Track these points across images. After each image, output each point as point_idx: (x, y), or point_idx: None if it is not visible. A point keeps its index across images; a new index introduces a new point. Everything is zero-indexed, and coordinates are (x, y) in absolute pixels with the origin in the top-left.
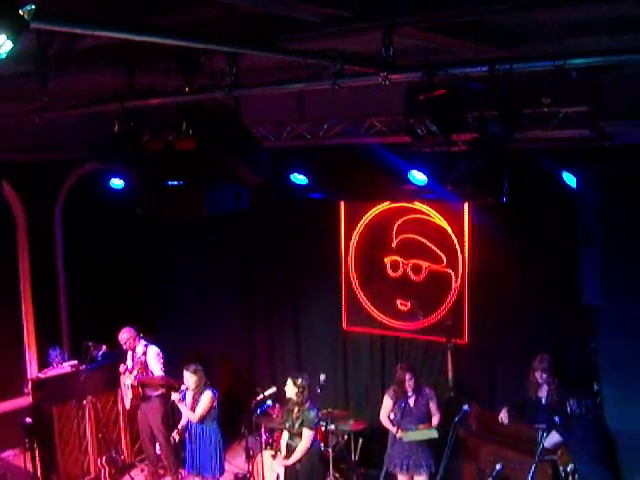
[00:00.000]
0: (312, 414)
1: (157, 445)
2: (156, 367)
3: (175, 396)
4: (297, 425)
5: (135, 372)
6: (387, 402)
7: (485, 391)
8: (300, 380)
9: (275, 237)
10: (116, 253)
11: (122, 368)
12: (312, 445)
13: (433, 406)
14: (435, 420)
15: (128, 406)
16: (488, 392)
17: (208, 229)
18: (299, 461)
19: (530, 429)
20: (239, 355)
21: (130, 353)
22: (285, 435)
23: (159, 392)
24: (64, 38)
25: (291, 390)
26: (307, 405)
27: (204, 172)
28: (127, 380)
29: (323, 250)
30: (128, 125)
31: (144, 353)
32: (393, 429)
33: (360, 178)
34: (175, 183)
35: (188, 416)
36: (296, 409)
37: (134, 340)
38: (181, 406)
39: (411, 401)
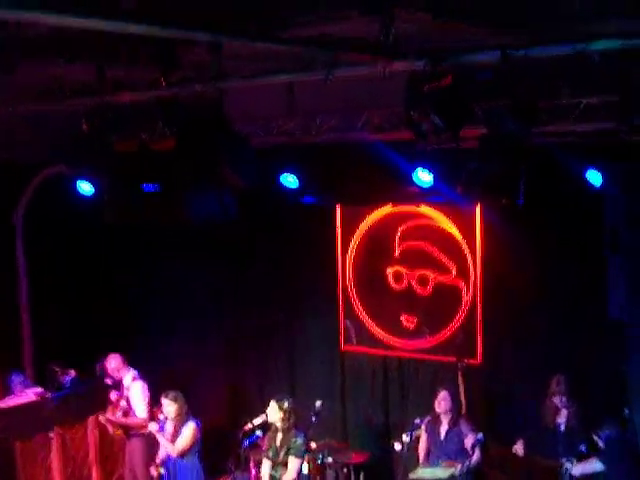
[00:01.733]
0: (299, 441)
1: None
2: (139, 407)
3: (153, 426)
4: (282, 453)
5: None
6: (422, 435)
7: (501, 418)
8: (286, 403)
9: (264, 247)
10: (85, 265)
11: (113, 397)
12: (299, 477)
13: (468, 442)
14: (471, 460)
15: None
16: (504, 419)
17: (189, 239)
18: None
19: (548, 462)
20: (224, 380)
21: None
22: (266, 465)
23: (143, 430)
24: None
25: (275, 414)
26: (294, 432)
27: (184, 175)
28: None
29: (317, 260)
30: (98, 123)
31: (129, 388)
32: None
33: (358, 179)
34: (151, 188)
35: (167, 449)
36: (280, 435)
37: (120, 370)
38: (159, 437)
39: (442, 431)
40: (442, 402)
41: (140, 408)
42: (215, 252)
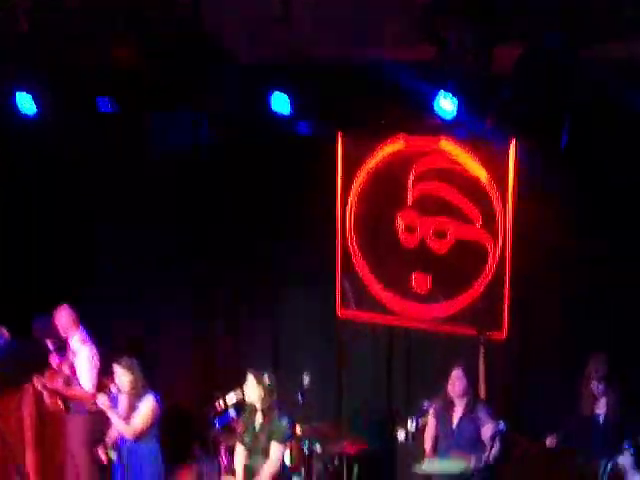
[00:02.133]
0: (284, 424)
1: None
2: (85, 376)
3: (102, 400)
4: (263, 439)
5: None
6: (430, 421)
7: (528, 404)
8: (266, 378)
9: (246, 188)
10: (26, 202)
11: (55, 361)
12: (282, 467)
13: (486, 432)
14: (489, 454)
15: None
16: (532, 405)
17: (153, 175)
18: None
19: (584, 460)
20: (192, 348)
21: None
22: (241, 453)
23: (89, 407)
24: None
25: (253, 392)
26: (276, 412)
27: (150, 94)
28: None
29: (312, 206)
30: (41, 22)
31: (76, 352)
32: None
33: (364, 106)
34: (108, 109)
35: (120, 429)
36: (259, 417)
37: (67, 329)
38: (111, 414)
39: (455, 417)
40: (456, 383)
41: (86, 377)
42: (185, 192)
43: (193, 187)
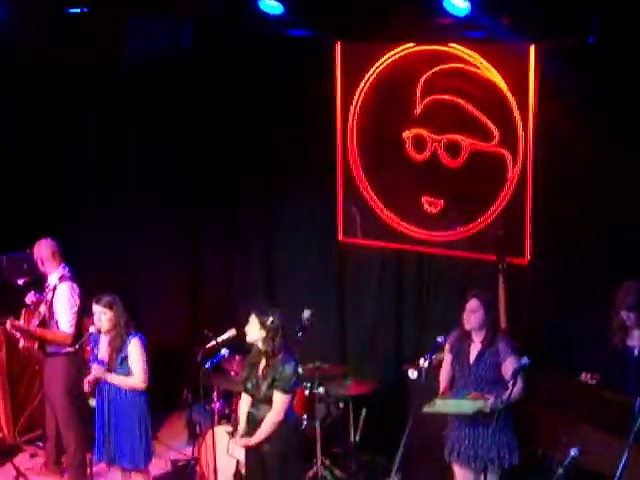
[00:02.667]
0: (288, 370)
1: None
2: (62, 314)
3: (97, 369)
4: (265, 386)
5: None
6: (446, 356)
7: (555, 337)
8: (270, 318)
9: (232, 101)
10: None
11: (29, 298)
12: (287, 417)
13: (508, 368)
14: (510, 393)
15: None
16: (560, 338)
17: (131, 87)
18: (267, 440)
19: (621, 396)
20: (180, 282)
21: None
22: (245, 400)
23: (66, 349)
24: None
25: (255, 333)
26: (281, 357)
27: None
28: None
29: (308, 121)
30: None
31: (54, 288)
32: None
33: (366, 5)
34: (77, 10)
35: (103, 376)
36: (263, 362)
37: (45, 263)
38: (110, 378)
39: (472, 352)
40: (472, 315)
41: (64, 318)
42: (167, 109)
43: (176, 103)
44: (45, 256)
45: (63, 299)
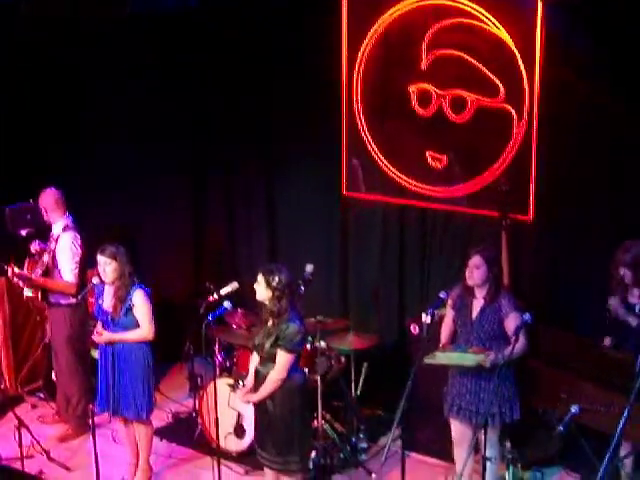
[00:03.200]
0: (292, 328)
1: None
2: (65, 264)
3: (103, 334)
4: (268, 344)
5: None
6: (448, 312)
7: (557, 293)
8: (277, 277)
9: (237, 56)
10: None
11: (34, 247)
12: (291, 375)
13: (510, 324)
14: (512, 348)
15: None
16: (562, 295)
17: (134, 43)
18: (270, 397)
19: (622, 354)
20: (182, 235)
21: None
22: (254, 357)
23: (69, 300)
24: None
25: (263, 292)
26: (286, 316)
27: None
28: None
29: (312, 74)
30: None
31: (57, 238)
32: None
33: None
34: None
35: (111, 340)
36: (270, 321)
37: (49, 212)
38: (120, 336)
39: (475, 307)
40: (475, 271)
41: (67, 267)
42: (168, 60)
43: (180, 53)
44: (49, 205)
45: (66, 248)
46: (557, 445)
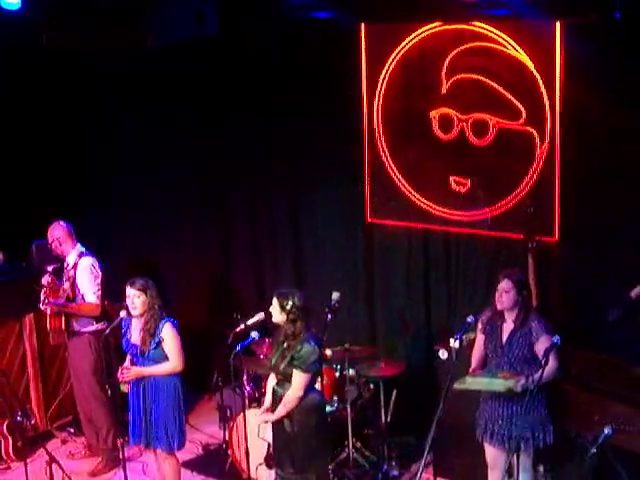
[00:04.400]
0: (307, 349)
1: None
2: (87, 287)
3: (132, 370)
4: (283, 365)
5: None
6: (478, 336)
7: (586, 314)
8: (290, 301)
9: (257, 84)
10: (19, 115)
11: (44, 280)
12: (307, 395)
13: (540, 347)
14: (542, 372)
15: (52, 341)
16: (591, 316)
17: (159, 72)
18: (288, 418)
19: None
20: (209, 266)
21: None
22: (272, 377)
23: (92, 327)
24: None
25: (277, 313)
26: (302, 337)
27: None
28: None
29: (333, 102)
30: None
31: (75, 266)
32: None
33: None
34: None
35: (141, 374)
36: (286, 342)
37: (63, 243)
38: (150, 370)
39: (505, 331)
40: (504, 295)
41: (90, 290)
42: (190, 91)
43: (199, 82)
44: (62, 237)
45: (86, 272)
46: (591, 468)
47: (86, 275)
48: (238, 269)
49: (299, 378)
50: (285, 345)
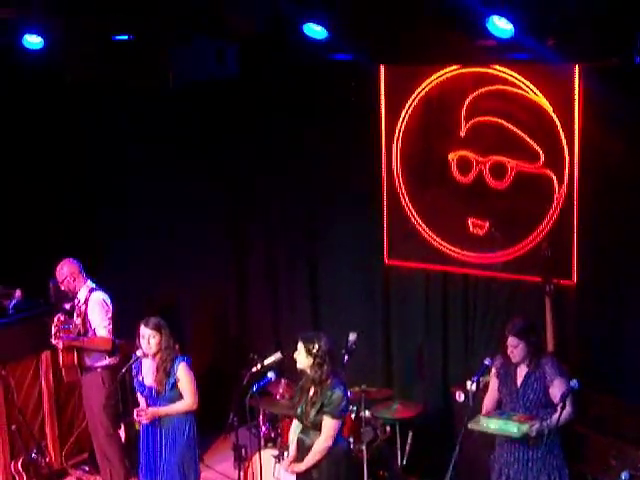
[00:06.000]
0: (338, 394)
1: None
2: (98, 321)
3: (149, 411)
4: (313, 412)
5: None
6: (492, 380)
7: (604, 358)
8: (317, 345)
9: (276, 124)
10: (36, 151)
11: (56, 321)
12: (336, 443)
13: (556, 391)
14: (558, 416)
15: (65, 378)
16: (608, 360)
17: (177, 112)
18: (316, 466)
19: None
20: (225, 305)
21: None
22: (296, 426)
23: (104, 362)
24: None
25: (303, 360)
26: (329, 382)
27: (168, 20)
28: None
29: (352, 144)
30: None
31: (86, 301)
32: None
33: (409, 29)
34: (124, 38)
35: (157, 415)
36: (312, 389)
37: (75, 279)
38: (166, 410)
39: (519, 375)
40: (514, 351)
41: (102, 324)
42: (208, 128)
43: (217, 119)
44: (74, 273)
45: (97, 306)
46: None
47: (97, 309)
48: (254, 308)
49: (330, 425)
50: (312, 392)
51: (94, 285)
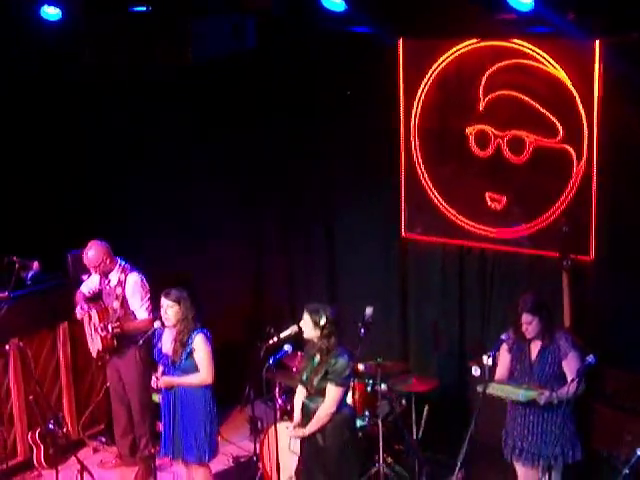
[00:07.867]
0: (341, 362)
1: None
2: (139, 304)
3: (166, 379)
4: (317, 379)
5: (111, 314)
6: (503, 355)
7: (621, 333)
8: (324, 317)
9: (294, 98)
10: (49, 126)
11: (80, 295)
12: (340, 409)
13: (569, 363)
14: (568, 389)
15: (94, 355)
16: (625, 336)
17: (192, 87)
18: (320, 432)
19: None
20: (242, 279)
21: (94, 280)
22: (301, 392)
23: (140, 338)
24: None
25: (309, 329)
26: (335, 351)
27: None
28: (90, 327)
29: (370, 117)
30: None
31: (121, 283)
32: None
33: (428, 2)
34: (142, 9)
35: (172, 384)
36: (318, 357)
37: (107, 261)
38: (181, 380)
39: (533, 352)
40: (528, 327)
41: (143, 306)
42: (227, 104)
43: (235, 95)
44: (107, 255)
45: (137, 288)
46: None
47: (138, 293)
48: (271, 283)
49: (334, 392)
50: (318, 359)
51: (124, 263)
